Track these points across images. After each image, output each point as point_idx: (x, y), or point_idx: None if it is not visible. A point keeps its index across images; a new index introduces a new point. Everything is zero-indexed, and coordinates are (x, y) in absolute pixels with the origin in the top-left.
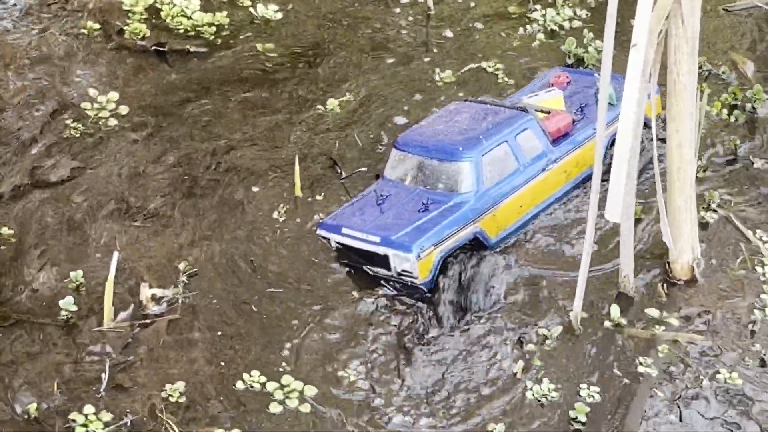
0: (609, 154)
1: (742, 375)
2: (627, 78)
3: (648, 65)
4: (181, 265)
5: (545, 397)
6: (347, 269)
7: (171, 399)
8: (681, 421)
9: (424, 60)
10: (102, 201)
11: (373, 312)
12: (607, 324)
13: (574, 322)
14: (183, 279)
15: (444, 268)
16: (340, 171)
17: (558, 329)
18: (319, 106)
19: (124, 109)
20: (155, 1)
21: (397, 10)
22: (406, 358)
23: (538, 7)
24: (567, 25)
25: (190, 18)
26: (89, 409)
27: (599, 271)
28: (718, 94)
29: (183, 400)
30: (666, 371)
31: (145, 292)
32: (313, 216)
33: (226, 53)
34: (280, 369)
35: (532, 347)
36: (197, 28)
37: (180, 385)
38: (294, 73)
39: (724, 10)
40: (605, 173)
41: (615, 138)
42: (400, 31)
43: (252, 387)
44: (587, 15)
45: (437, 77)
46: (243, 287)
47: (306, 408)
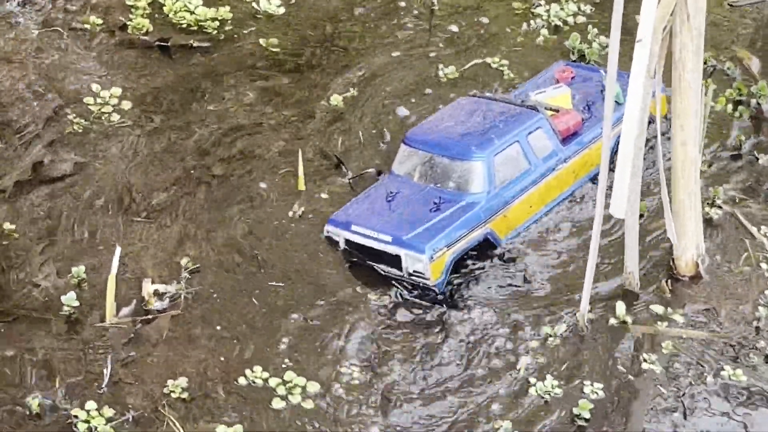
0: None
1: (746, 371)
2: (632, 74)
3: (653, 61)
4: (183, 260)
5: (549, 393)
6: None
7: (173, 395)
8: (685, 417)
9: (428, 55)
10: (105, 196)
11: (378, 308)
12: (612, 320)
13: (581, 322)
14: (185, 275)
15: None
16: (346, 170)
17: (562, 327)
18: (323, 102)
19: (127, 105)
20: None
21: (402, 4)
22: (410, 356)
23: (542, 2)
24: (571, 20)
25: (193, 13)
26: (91, 404)
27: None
28: (723, 90)
29: (185, 395)
30: (670, 368)
31: (148, 287)
32: (317, 211)
33: (229, 48)
34: (282, 365)
35: (535, 344)
36: (200, 23)
37: (182, 380)
38: (297, 68)
39: (729, 5)
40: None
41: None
42: (405, 27)
43: (254, 383)
44: (591, 10)
45: (441, 73)
46: (246, 283)
47: (309, 404)
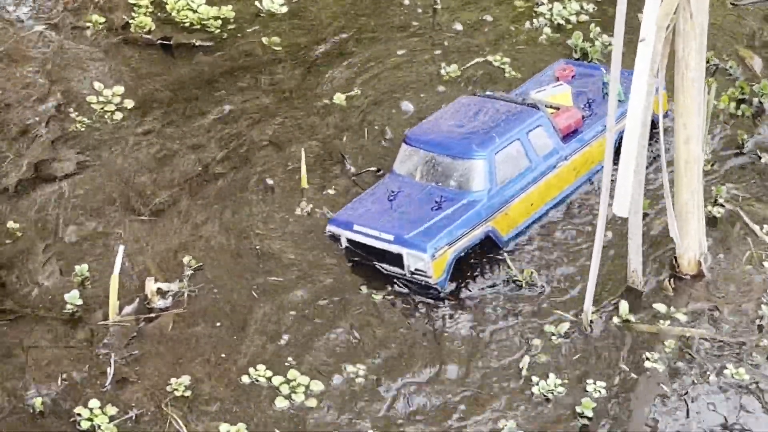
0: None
1: (749, 370)
2: (635, 73)
3: (656, 60)
4: (186, 259)
5: (552, 392)
6: (354, 263)
7: (176, 393)
8: (688, 416)
9: (431, 54)
10: (107, 195)
11: (381, 307)
12: (615, 319)
13: (585, 321)
14: (188, 273)
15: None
16: (349, 167)
17: (565, 325)
18: (326, 100)
19: (129, 103)
20: None
21: (406, 2)
22: (413, 355)
23: (545, 1)
24: (574, 19)
25: (195, 11)
26: (94, 402)
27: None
28: (726, 89)
29: (188, 394)
30: (673, 366)
31: (151, 286)
32: (321, 209)
33: (231, 47)
34: (285, 363)
35: (538, 343)
36: (203, 22)
37: (185, 379)
38: (300, 67)
39: (732, 4)
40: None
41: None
42: (408, 25)
43: (258, 381)
44: (594, 9)
45: (443, 71)
46: (249, 281)
47: (312, 403)
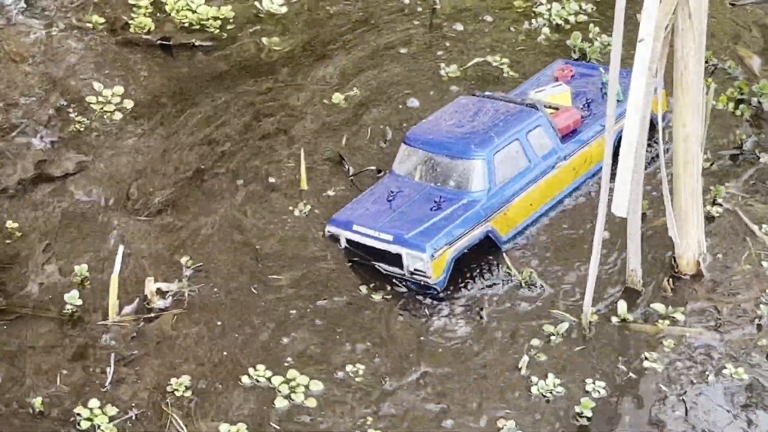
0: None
1: (748, 370)
2: (634, 72)
3: (654, 60)
4: (185, 259)
5: (551, 392)
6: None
7: (176, 393)
8: (687, 416)
9: (430, 54)
10: (107, 195)
11: (380, 307)
12: (614, 319)
13: (584, 321)
14: (188, 273)
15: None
16: (348, 167)
17: (564, 325)
18: (325, 100)
19: (129, 103)
20: None
21: (406, 1)
22: (413, 354)
23: (544, 1)
24: (572, 19)
25: (195, 12)
26: (94, 402)
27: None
28: (724, 89)
29: (188, 394)
30: (672, 366)
31: (150, 286)
32: (320, 208)
33: (231, 47)
34: (285, 363)
35: (537, 343)
36: (202, 22)
37: (185, 379)
38: (299, 67)
39: (731, 4)
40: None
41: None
42: (407, 26)
43: (258, 381)
44: (593, 9)
45: (443, 72)
46: (248, 281)
47: (312, 403)
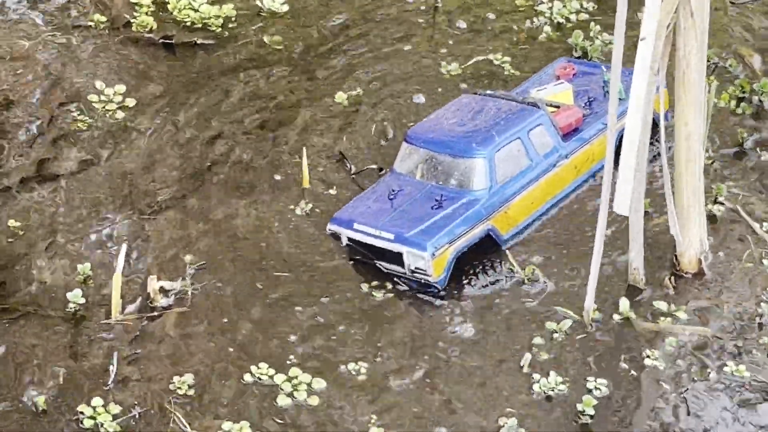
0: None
1: (749, 368)
2: (635, 71)
3: (656, 58)
4: (188, 257)
5: (553, 390)
6: (354, 261)
7: (179, 391)
8: (688, 414)
9: (432, 52)
10: (109, 193)
11: (382, 305)
12: (616, 316)
13: (586, 318)
14: (191, 271)
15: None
16: (349, 166)
17: (567, 323)
18: (327, 99)
19: (131, 102)
20: None
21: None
22: (415, 352)
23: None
24: (574, 17)
25: (197, 11)
26: (97, 401)
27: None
28: (726, 87)
29: (191, 392)
30: (674, 364)
31: (153, 284)
32: (322, 207)
33: (233, 46)
34: (288, 361)
35: (539, 341)
36: (204, 21)
37: (188, 377)
38: (301, 66)
39: (731, 3)
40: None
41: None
42: (410, 24)
43: (260, 379)
44: (594, 8)
45: (444, 70)
46: (251, 280)
47: (314, 400)
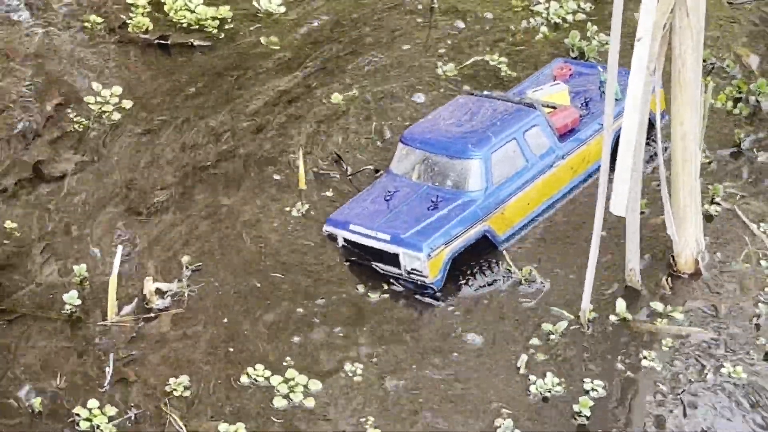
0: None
1: (746, 369)
2: (631, 71)
3: (652, 59)
4: (185, 259)
5: (549, 391)
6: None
7: (175, 393)
8: (685, 415)
9: (428, 53)
10: (106, 195)
11: (377, 306)
12: (612, 317)
13: (583, 319)
14: (187, 273)
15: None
16: (345, 167)
17: (563, 324)
18: (324, 100)
19: (127, 103)
20: None
21: None
22: (411, 353)
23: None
24: (570, 18)
25: (193, 12)
26: (93, 403)
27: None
28: (723, 88)
29: (187, 394)
30: (670, 365)
31: (149, 286)
32: (319, 208)
33: (229, 47)
34: (284, 363)
35: (536, 342)
36: (200, 22)
37: (184, 379)
38: (298, 67)
39: (729, 3)
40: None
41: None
42: (406, 25)
43: (256, 381)
44: (591, 8)
45: (440, 71)
46: (247, 281)
47: (310, 402)
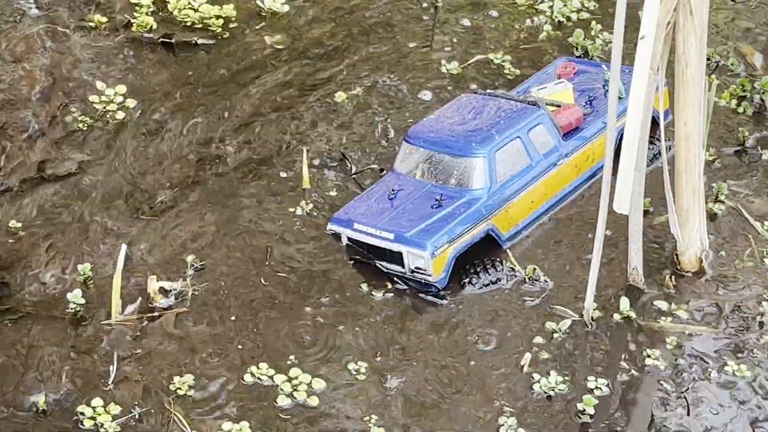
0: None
1: (750, 367)
2: (635, 70)
3: (656, 57)
4: (189, 257)
5: (553, 389)
6: (355, 261)
7: (179, 392)
8: (689, 413)
9: (432, 51)
10: (110, 194)
11: (381, 305)
12: (616, 316)
13: (586, 317)
14: (191, 272)
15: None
16: (349, 166)
17: (567, 322)
18: (328, 99)
19: (131, 102)
20: None
21: None
22: (415, 352)
23: None
24: (574, 16)
25: (197, 11)
26: (97, 401)
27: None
28: (727, 86)
29: (191, 392)
30: (674, 363)
31: (153, 285)
32: (323, 207)
33: (233, 46)
34: (288, 362)
35: (539, 340)
36: (204, 21)
37: (188, 378)
38: (302, 65)
39: (732, 1)
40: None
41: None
42: (410, 22)
43: (260, 380)
44: (595, 6)
45: (444, 69)
46: (251, 280)
47: (314, 401)
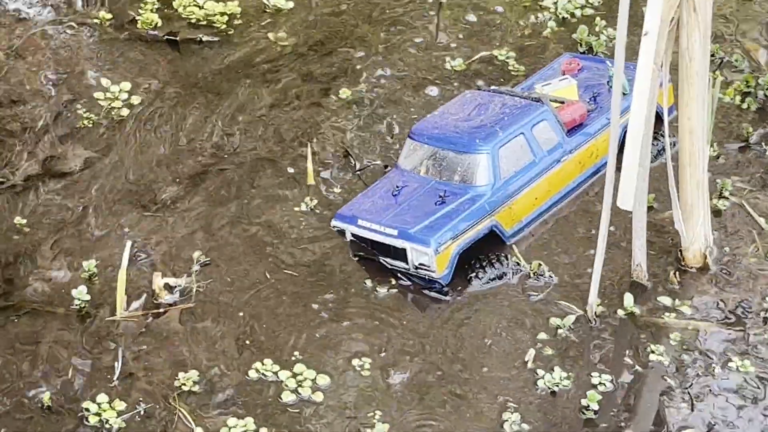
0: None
1: (754, 362)
2: (639, 66)
3: (660, 53)
4: (194, 254)
5: (557, 385)
6: (359, 258)
7: (184, 388)
8: (692, 409)
9: (436, 47)
10: (115, 190)
11: (385, 300)
12: (620, 312)
13: (589, 313)
14: (196, 268)
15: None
16: (354, 162)
17: (571, 318)
18: (332, 96)
19: (136, 99)
20: None
21: None
22: (419, 348)
23: None
24: (579, 12)
25: (201, 8)
26: (102, 397)
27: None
28: (731, 82)
29: (196, 388)
30: (678, 359)
31: (158, 281)
32: (327, 203)
33: (238, 42)
34: (292, 358)
35: (543, 336)
36: (209, 18)
37: (193, 373)
38: (306, 62)
39: None
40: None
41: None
42: (414, 19)
43: (265, 376)
44: (599, 2)
45: (448, 65)
46: (256, 276)
47: (319, 396)
